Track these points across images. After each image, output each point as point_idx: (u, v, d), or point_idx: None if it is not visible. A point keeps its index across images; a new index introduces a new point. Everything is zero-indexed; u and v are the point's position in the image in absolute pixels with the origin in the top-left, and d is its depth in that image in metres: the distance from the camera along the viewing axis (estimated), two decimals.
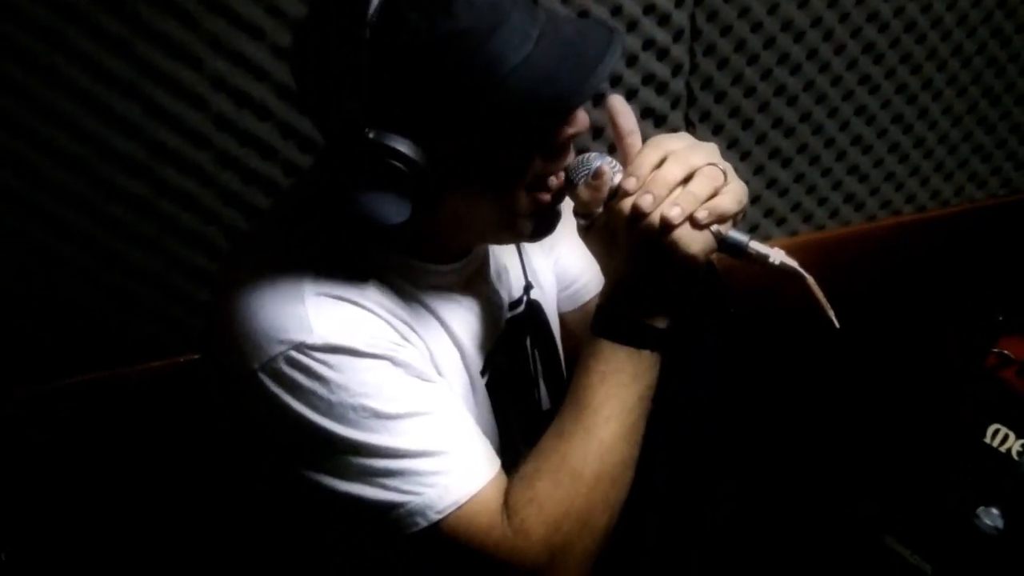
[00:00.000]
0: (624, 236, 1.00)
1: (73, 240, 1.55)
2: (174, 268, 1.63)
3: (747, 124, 2.04)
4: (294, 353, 0.97)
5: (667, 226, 0.97)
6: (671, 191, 0.98)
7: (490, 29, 0.93)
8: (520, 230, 1.08)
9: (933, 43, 2.12)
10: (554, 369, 1.33)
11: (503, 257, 1.26)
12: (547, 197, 1.06)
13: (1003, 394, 1.89)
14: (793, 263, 1.00)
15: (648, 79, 1.88)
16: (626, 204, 0.99)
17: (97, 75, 1.46)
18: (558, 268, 1.37)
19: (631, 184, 0.99)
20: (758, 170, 2.09)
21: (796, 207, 2.17)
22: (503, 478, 1.05)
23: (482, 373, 1.19)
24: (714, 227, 0.99)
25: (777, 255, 1.00)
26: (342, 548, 1.14)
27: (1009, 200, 2.39)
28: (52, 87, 1.45)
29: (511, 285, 1.27)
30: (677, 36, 1.87)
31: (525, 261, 1.27)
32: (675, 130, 1.66)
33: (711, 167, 1.00)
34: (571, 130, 1.02)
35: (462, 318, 1.16)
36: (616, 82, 1.85)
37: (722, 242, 1.00)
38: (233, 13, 1.50)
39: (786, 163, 2.12)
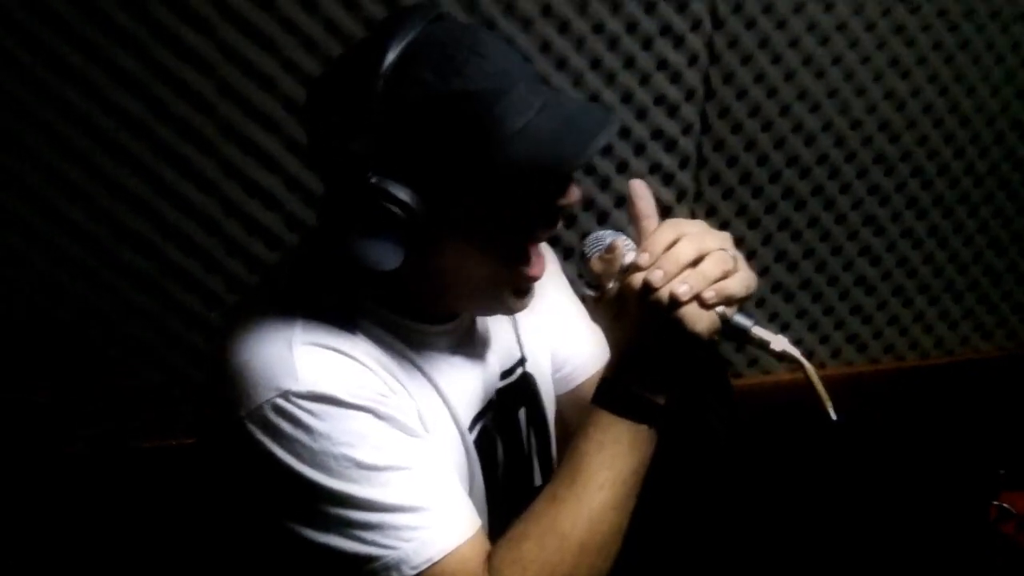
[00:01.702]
0: (633, 309, 1.02)
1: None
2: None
3: (750, 256, 2.04)
4: (280, 400, 0.97)
5: (675, 302, 0.98)
6: (682, 269, 0.99)
7: (497, 94, 0.97)
8: (501, 298, 1.10)
9: (939, 189, 2.14)
10: (545, 447, 1.33)
11: (496, 327, 1.27)
12: (531, 271, 1.08)
13: (1004, 548, 1.86)
14: (794, 351, 1.01)
15: (655, 168, 1.92)
16: (637, 278, 1.01)
17: (107, 110, 1.55)
18: (552, 350, 1.37)
19: (644, 260, 1.01)
20: (758, 304, 2.09)
21: (797, 343, 2.14)
22: (483, 538, 1.04)
23: (470, 429, 1.18)
24: (720, 308, 1.00)
25: (779, 342, 1.01)
26: None
27: (1014, 352, 2.37)
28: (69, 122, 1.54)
29: (503, 355, 1.27)
30: (684, 162, 1.89)
31: (520, 335, 1.28)
32: None
33: (722, 252, 1.01)
34: (563, 201, 1.04)
35: (450, 377, 1.16)
36: (623, 168, 1.89)
37: (727, 324, 1.01)
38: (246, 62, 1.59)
39: (788, 298, 2.12)
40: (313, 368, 0.99)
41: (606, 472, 1.02)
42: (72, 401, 1.64)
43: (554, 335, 1.36)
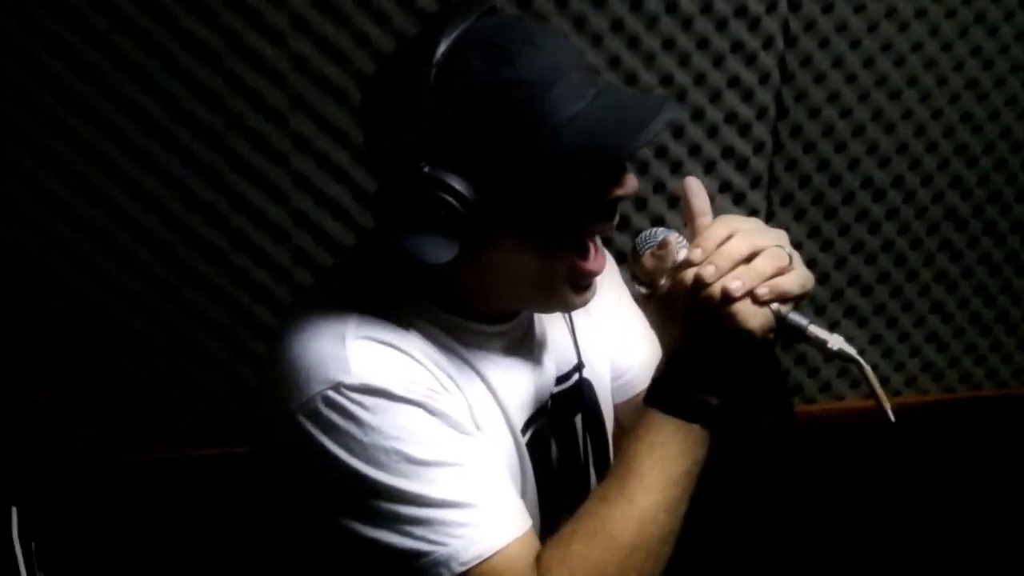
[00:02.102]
0: (684, 306, 1.01)
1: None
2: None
3: (823, 279, 2.02)
4: (331, 393, 0.97)
5: (727, 298, 0.97)
6: (735, 265, 0.98)
7: (548, 83, 0.97)
8: (559, 294, 1.09)
9: (1018, 214, 2.10)
10: (603, 454, 1.31)
11: (553, 331, 1.26)
12: (588, 265, 1.07)
13: None
14: (852, 350, 0.99)
15: (725, 187, 1.91)
16: (688, 274, 0.99)
17: (180, 118, 1.60)
18: (611, 358, 1.36)
19: (696, 255, 1.00)
20: (831, 327, 2.05)
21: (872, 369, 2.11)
22: (533, 537, 1.03)
23: (523, 431, 1.17)
24: (774, 306, 0.98)
25: (836, 341, 0.99)
26: None
27: None
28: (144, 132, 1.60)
29: (560, 359, 1.25)
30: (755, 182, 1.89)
31: (577, 340, 1.26)
32: None
33: (777, 248, 1.00)
34: (618, 191, 1.03)
35: (504, 378, 1.15)
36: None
37: (781, 322, 0.99)
38: (319, 75, 1.63)
39: (862, 323, 2.09)
40: (366, 361, 0.99)
41: (657, 473, 1.00)
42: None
43: (613, 342, 1.35)
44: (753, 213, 1.93)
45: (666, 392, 1.03)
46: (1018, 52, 1.96)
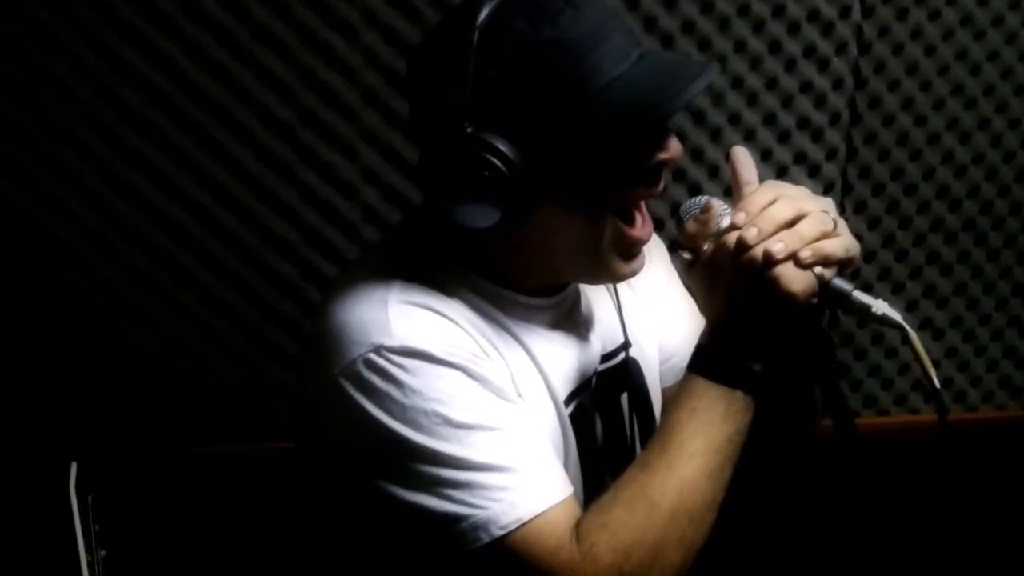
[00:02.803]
0: (727, 270, 1.00)
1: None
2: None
3: (897, 289, 2.01)
4: (372, 355, 0.98)
5: (769, 261, 0.96)
6: (778, 229, 0.98)
7: (593, 43, 0.99)
8: (606, 262, 1.09)
9: None
10: (649, 434, 1.28)
11: (600, 308, 1.26)
12: (634, 232, 1.08)
13: None
14: (896, 316, 0.97)
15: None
16: (731, 237, 1.00)
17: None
18: (660, 341, 1.36)
19: (740, 218, 1.00)
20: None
21: (948, 383, 2.10)
22: (575, 504, 1.02)
23: (566, 404, 1.17)
24: (818, 270, 0.98)
25: (881, 306, 0.97)
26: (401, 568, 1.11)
27: None
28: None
29: (605, 337, 1.25)
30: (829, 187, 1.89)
31: (624, 319, 1.26)
32: None
33: (822, 213, 1.00)
34: (662, 155, 1.03)
35: (548, 350, 1.15)
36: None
37: (824, 287, 0.99)
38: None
39: (938, 335, 2.08)
40: (407, 324, 1.00)
41: (699, 439, 1.00)
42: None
43: (663, 325, 1.34)
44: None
45: (708, 358, 1.03)
46: None
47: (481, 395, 1.01)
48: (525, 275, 1.13)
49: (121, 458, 1.72)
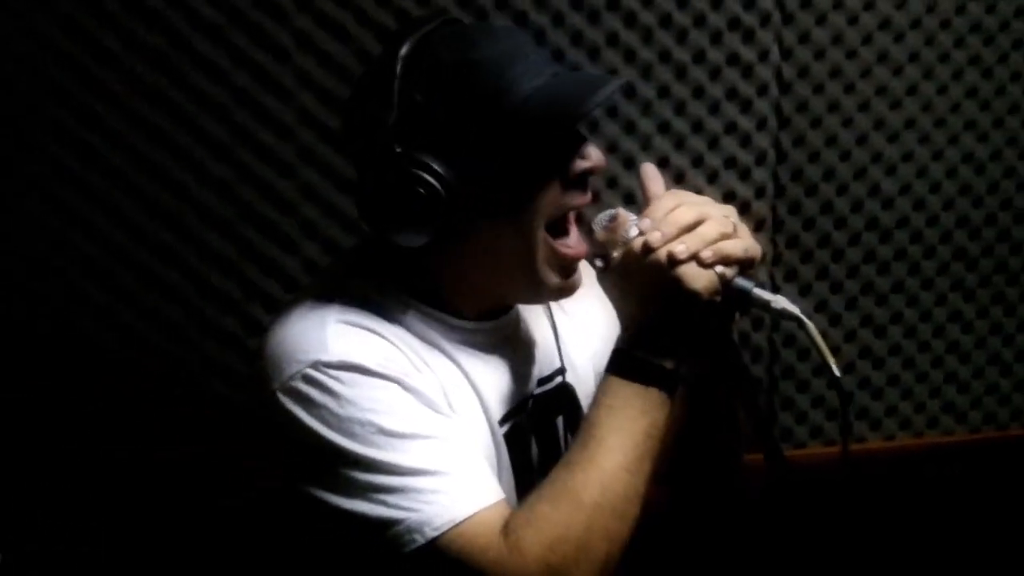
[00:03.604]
0: (635, 273, 1.07)
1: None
2: None
3: (834, 320, 2.07)
4: (310, 370, 1.04)
5: (673, 261, 1.03)
6: (681, 232, 1.04)
7: (509, 62, 1.07)
8: (543, 279, 1.14)
9: None
10: None
11: (537, 334, 1.30)
12: (567, 248, 1.13)
13: None
14: (795, 309, 1.04)
15: None
16: (638, 241, 1.06)
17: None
18: (595, 365, 1.40)
19: (646, 225, 1.06)
20: (847, 370, 2.09)
21: (891, 411, 2.14)
22: (505, 508, 1.06)
23: (500, 424, 1.21)
24: (719, 268, 1.04)
25: (780, 301, 1.05)
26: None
27: None
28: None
29: (542, 362, 1.30)
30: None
31: (561, 345, 1.31)
32: None
33: (723, 217, 1.07)
34: (584, 163, 1.10)
35: (483, 372, 1.20)
36: None
37: (727, 286, 1.05)
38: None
39: (878, 364, 2.11)
40: (344, 341, 1.06)
41: (617, 435, 1.05)
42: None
43: (598, 350, 1.37)
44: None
45: (623, 358, 1.08)
46: (1016, 92, 2.03)
47: (414, 406, 1.07)
48: (466, 299, 1.18)
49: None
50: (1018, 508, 2.16)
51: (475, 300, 1.19)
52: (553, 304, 1.31)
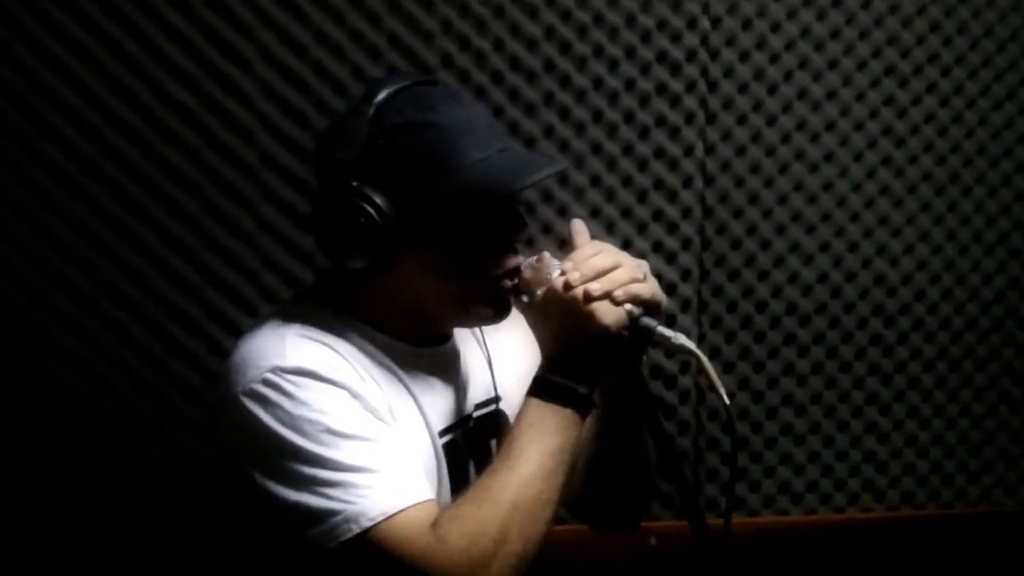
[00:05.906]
0: (555, 308, 1.25)
1: None
2: None
3: (758, 397, 2.21)
4: (269, 374, 1.20)
5: (588, 298, 1.22)
6: (597, 274, 1.23)
7: (463, 131, 1.27)
8: (472, 312, 1.34)
9: (942, 342, 2.27)
10: None
11: (473, 363, 1.48)
12: (499, 284, 1.32)
13: None
14: (691, 345, 1.23)
15: None
16: (559, 280, 1.25)
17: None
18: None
19: (567, 266, 1.26)
20: (768, 444, 2.22)
21: (812, 486, 2.26)
22: (434, 507, 1.22)
23: (440, 435, 1.37)
24: (628, 307, 1.23)
25: (679, 337, 1.23)
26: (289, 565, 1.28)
27: None
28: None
29: (479, 389, 1.47)
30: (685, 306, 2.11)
31: (495, 374, 1.48)
32: None
33: (635, 265, 1.26)
34: (511, 235, 1.31)
35: (425, 389, 1.37)
36: None
37: (634, 323, 1.23)
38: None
39: (799, 441, 2.24)
40: (300, 351, 1.24)
41: (534, 447, 1.21)
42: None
43: (524, 379, 1.50)
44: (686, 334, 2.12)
45: (542, 383, 1.26)
46: (926, 192, 2.21)
47: (358, 411, 1.23)
48: (401, 322, 1.36)
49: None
50: None
51: (411, 323, 1.37)
52: (486, 333, 1.50)
